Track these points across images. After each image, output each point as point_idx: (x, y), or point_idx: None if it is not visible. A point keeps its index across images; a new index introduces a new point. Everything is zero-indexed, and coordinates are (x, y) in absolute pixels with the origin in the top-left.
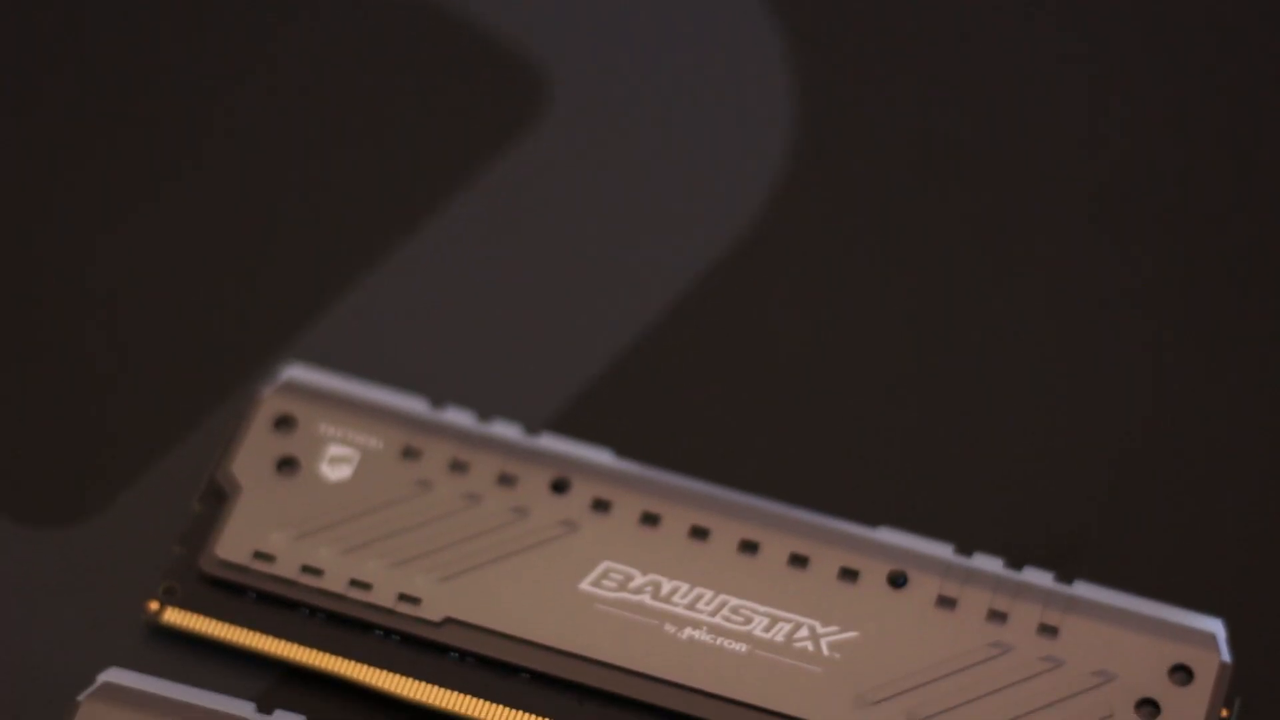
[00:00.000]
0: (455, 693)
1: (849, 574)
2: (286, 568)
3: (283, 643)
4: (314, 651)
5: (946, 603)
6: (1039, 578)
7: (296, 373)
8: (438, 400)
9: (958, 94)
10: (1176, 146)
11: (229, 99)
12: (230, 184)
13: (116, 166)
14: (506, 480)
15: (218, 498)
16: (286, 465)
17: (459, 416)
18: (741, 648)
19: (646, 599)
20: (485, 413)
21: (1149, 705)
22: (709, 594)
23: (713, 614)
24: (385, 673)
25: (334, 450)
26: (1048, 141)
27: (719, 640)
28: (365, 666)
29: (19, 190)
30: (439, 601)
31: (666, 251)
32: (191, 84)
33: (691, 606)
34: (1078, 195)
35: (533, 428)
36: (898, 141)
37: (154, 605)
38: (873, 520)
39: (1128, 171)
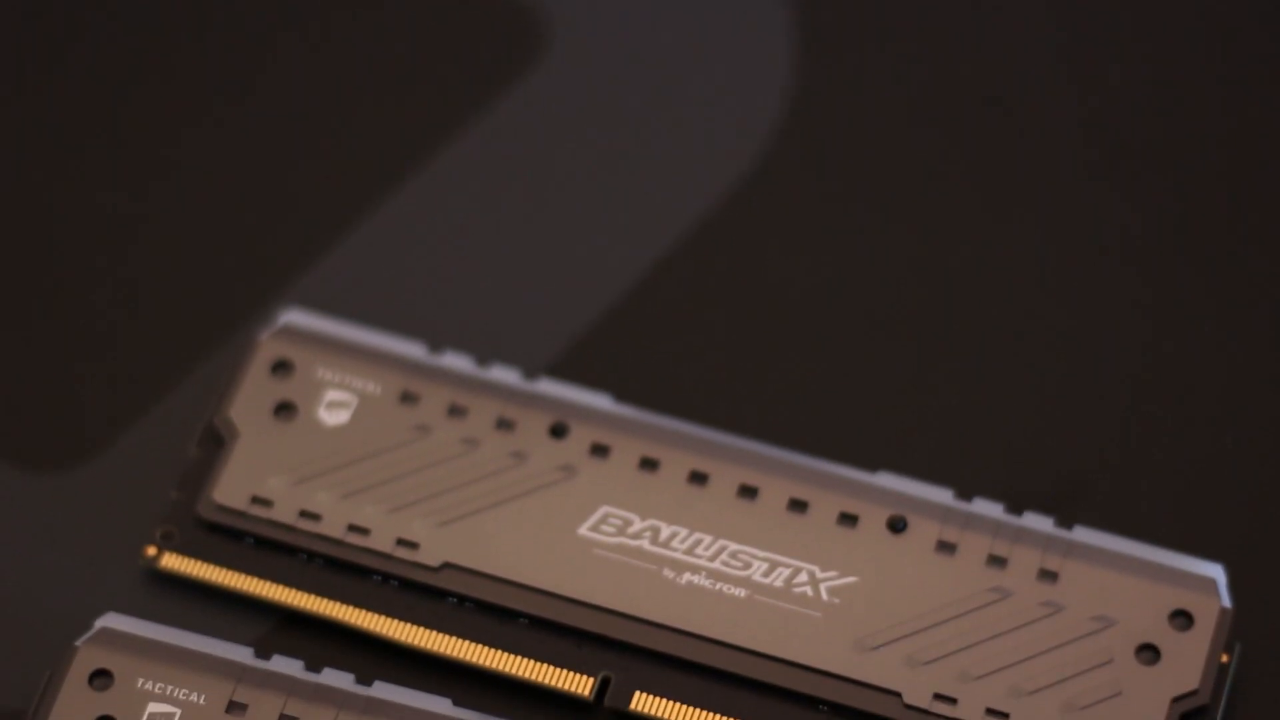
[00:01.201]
0: (453, 637)
1: (848, 519)
2: (284, 513)
3: (280, 588)
4: (312, 596)
5: (946, 548)
6: (1039, 523)
7: (294, 317)
8: (436, 345)
9: (957, 42)
10: (1178, 92)
11: (226, 47)
12: (227, 131)
13: (113, 117)
14: (505, 425)
15: (215, 443)
16: (284, 410)
17: (457, 361)
18: (740, 593)
19: (645, 544)
20: (483, 357)
21: (1149, 650)
22: (708, 539)
23: (712, 559)
24: (383, 618)
25: (332, 395)
26: (1050, 87)
27: (718, 585)
28: (363, 611)
29: (17, 142)
30: (437, 546)
31: (665, 195)
32: (191, 35)
33: (690, 551)
34: (1078, 141)
35: (531, 372)
36: (897, 87)
37: (151, 550)
38: (872, 465)
39: (1129, 118)
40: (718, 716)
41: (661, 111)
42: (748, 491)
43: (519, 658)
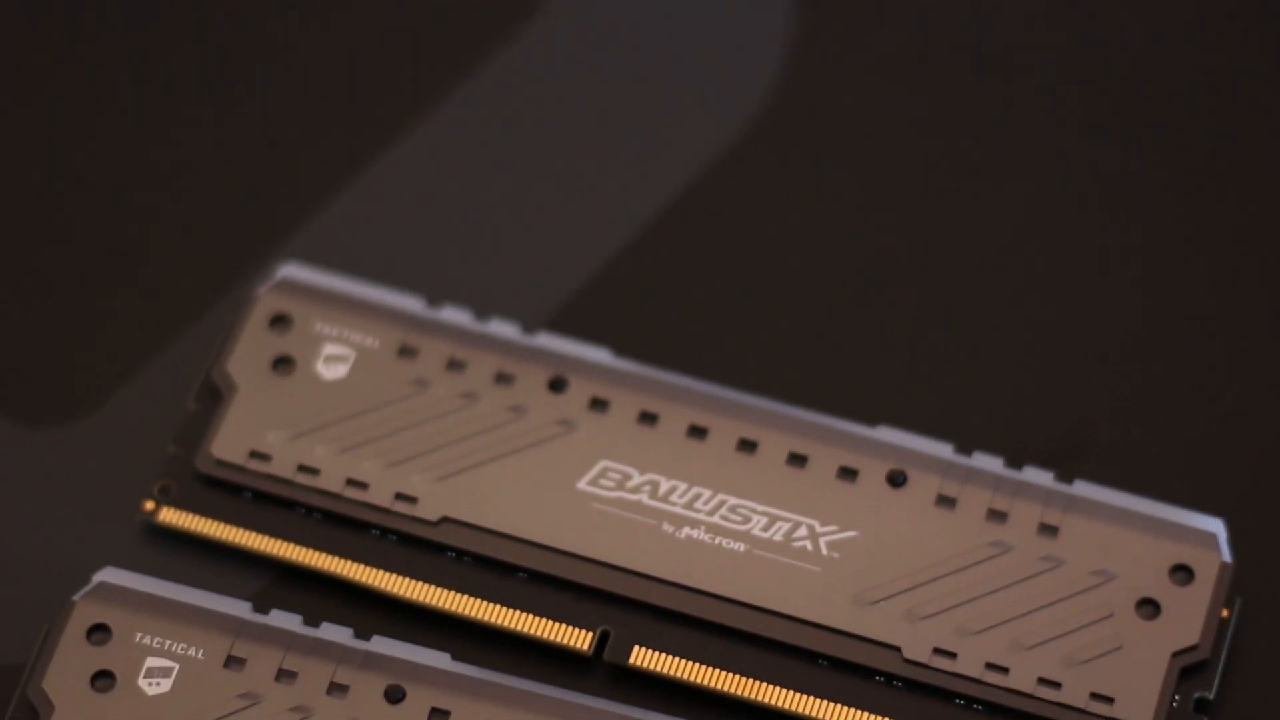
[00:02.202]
0: (452, 592)
1: (848, 473)
2: (282, 467)
3: (279, 542)
4: (310, 551)
5: (946, 502)
6: (1039, 477)
7: (292, 271)
8: (434, 299)
9: (951, 1)
10: (1171, 44)
11: (224, 6)
12: (225, 84)
13: (110, 76)
14: (503, 379)
15: (213, 397)
16: (282, 364)
17: (456, 315)
18: (740, 547)
19: (644, 498)
20: (482, 311)
21: (1149, 605)
22: (707, 493)
23: (711, 513)
24: (382, 572)
25: (330, 349)
26: (1043, 43)
27: (717, 539)
28: (361, 566)
29: (14, 103)
30: (436, 501)
31: (665, 149)
32: None
33: (689, 505)
34: (1075, 96)
35: (530, 326)
36: (893, 43)
37: (149, 505)
38: (872, 419)
39: (1124, 71)
40: (716, 671)
41: (661, 66)
42: (747, 445)
43: (518, 612)
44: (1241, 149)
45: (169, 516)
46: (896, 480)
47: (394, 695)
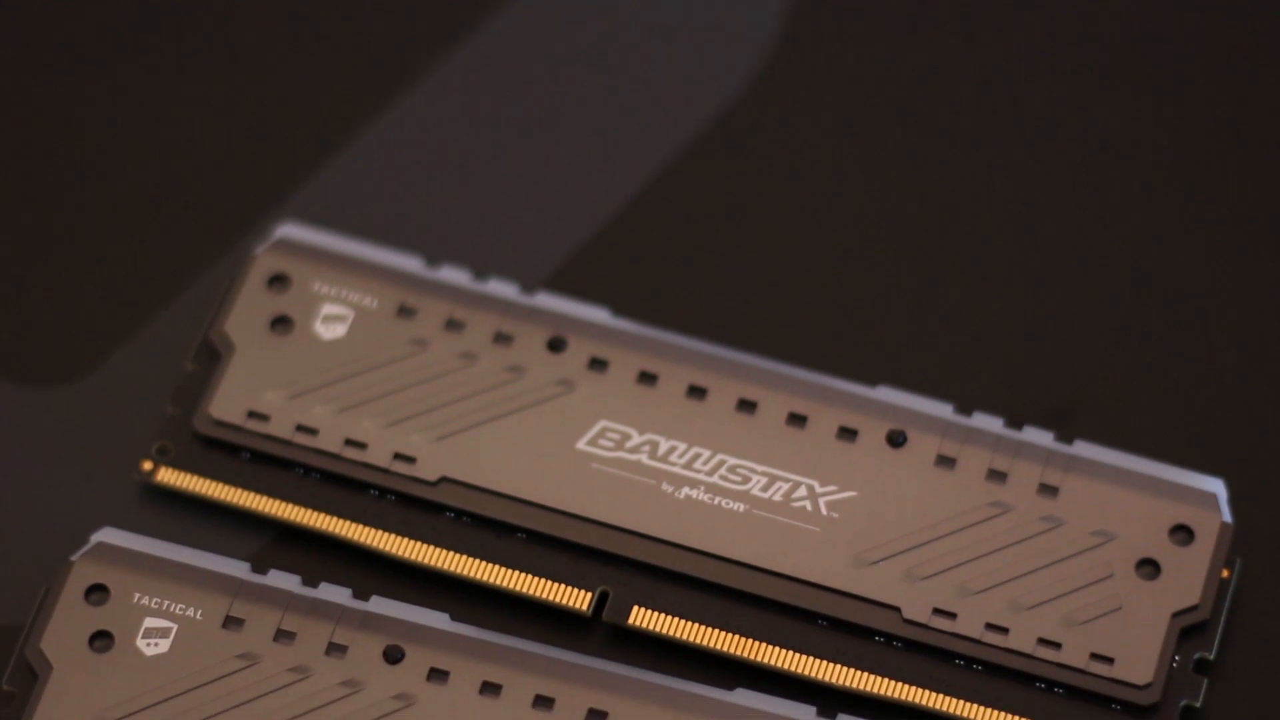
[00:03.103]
0: (451, 552)
1: (847, 433)
2: (281, 427)
3: (277, 502)
4: (309, 511)
5: (945, 462)
6: (1039, 437)
7: (290, 231)
8: (433, 258)
9: None
10: (1165, 3)
11: None
12: (224, 44)
13: (108, 36)
14: (502, 339)
15: (211, 357)
16: (280, 324)
17: (454, 274)
18: (739, 507)
19: (643, 458)
20: (481, 271)
21: (1149, 565)
22: (706, 453)
23: (710, 473)
24: (380, 532)
25: (328, 309)
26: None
27: (716, 500)
28: (360, 526)
29: (14, 62)
30: (434, 461)
31: (664, 109)
32: None
33: (689, 466)
34: (1071, 53)
35: (529, 286)
36: (894, 2)
37: (147, 465)
38: (872, 379)
39: (1124, 27)
40: (716, 631)
41: (660, 25)
42: (746, 405)
43: (516, 572)
44: (1240, 109)
45: (167, 477)
46: (896, 440)
47: (393, 655)
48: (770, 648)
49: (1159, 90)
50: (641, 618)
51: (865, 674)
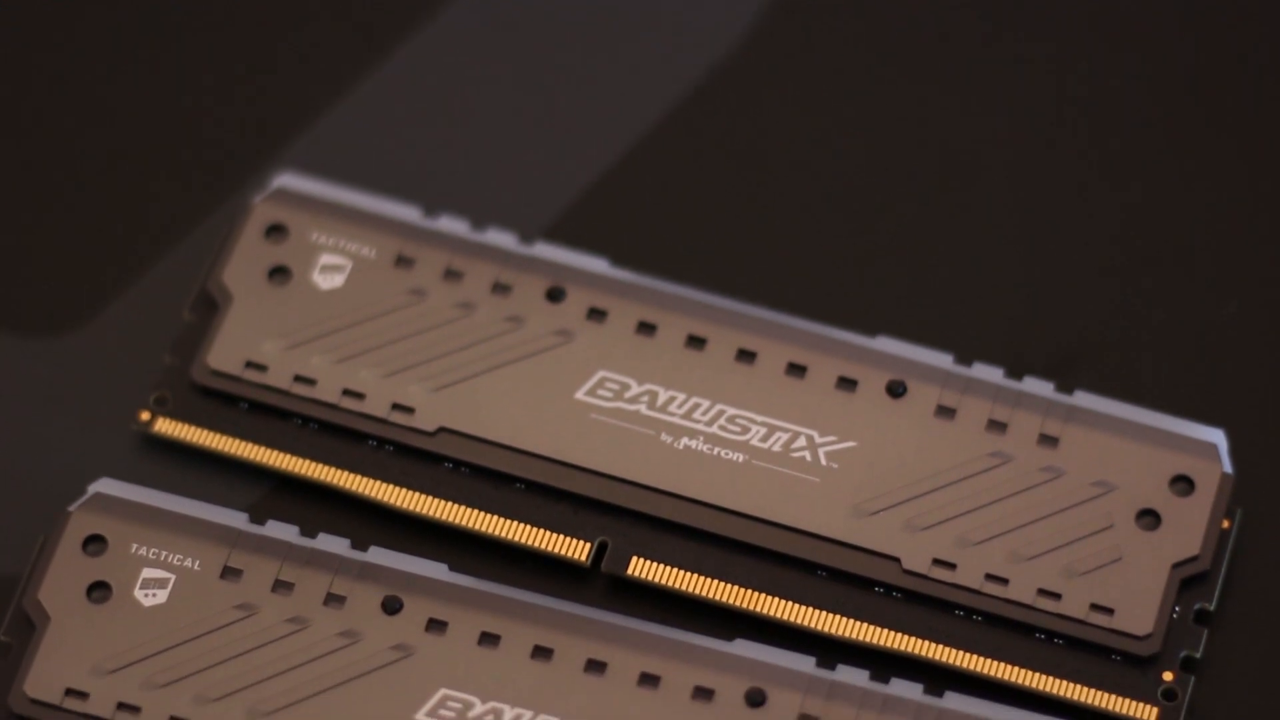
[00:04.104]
0: (449, 503)
1: (847, 383)
2: (279, 377)
3: (275, 453)
4: (307, 462)
5: (945, 412)
6: (1039, 387)
7: (288, 180)
8: (431, 208)
9: None
10: None
11: None
12: None
13: None
14: (501, 289)
15: (209, 307)
16: (278, 274)
17: (453, 224)
18: (738, 457)
19: (642, 408)
20: (479, 220)
21: (1149, 516)
22: (706, 403)
23: (709, 423)
24: (379, 483)
25: (326, 259)
26: None
27: (716, 450)
28: (358, 476)
29: (13, 14)
30: (433, 411)
31: (663, 58)
32: None
33: (688, 416)
34: (1076, 7)
35: (527, 236)
36: None
37: (145, 415)
38: (871, 329)
39: None
40: (715, 582)
41: None
42: (746, 355)
43: (515, 523)
44: (1243, 61)
45: (165, 427)
46: (896, 390)
47: (391, 606)
48: (769, 598)
49: (1163, 41)
50: (640, 568)
51: (864, 625)
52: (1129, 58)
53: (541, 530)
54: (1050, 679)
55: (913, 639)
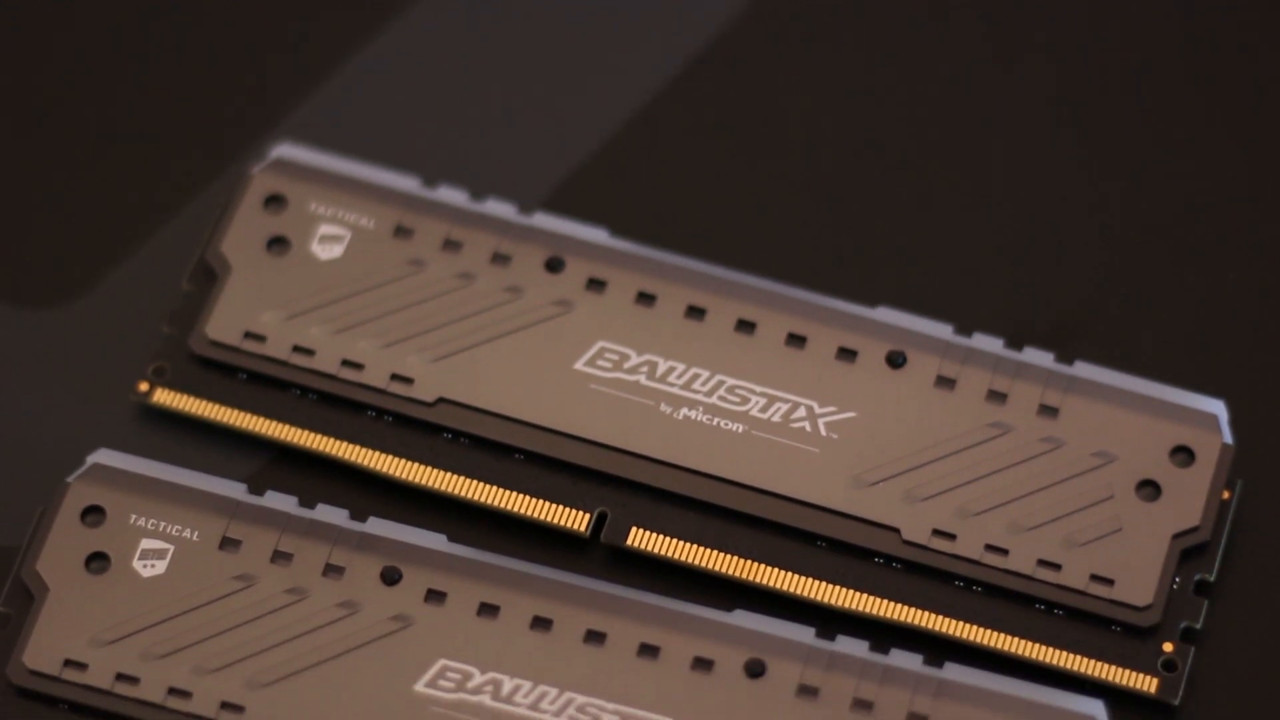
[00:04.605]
0: (448, 473)
1: (847, 354)
2: (277, 348)
3: (274, 423)
4: (306, 432)
5: (945, 383)
6: (1039, 358)
7: (287, 151)
8: (430, 178)
9: None
10: None
11: None
12: None
13: None
14: (500, 259)
15: (208, 277)
16: (277, 244)
17: (452, 195)
18: (738, 428)
19: (642, 379)
20: (478, 191)
21: (1150, 486)
22: (705, 374)
23: (709, 394)
24: (378, 453)
25: (325, 229)
26: None
27: (715, 420)
28: (357, 447)
29: None
30: (432, 381)
31: (663, 27)
32: None
33: (687, 386)
34: None
35: (527, 206)
36: None
37: (144, 386)
38: (871, 299)
39: None
40: (714, 552)
41: None
42: (745, 326)
43: (514, 493)
44: (1244, 28)
45: (163, 398)
46: (896, 361)
47: (390, 577)
48: (769, 569)
49: (1161, 10)
50: (640, 539)
51: (864, 595)
52: (1130, 26)
53: (541, 501)
54: (1050, 650)
55: (912, 610)
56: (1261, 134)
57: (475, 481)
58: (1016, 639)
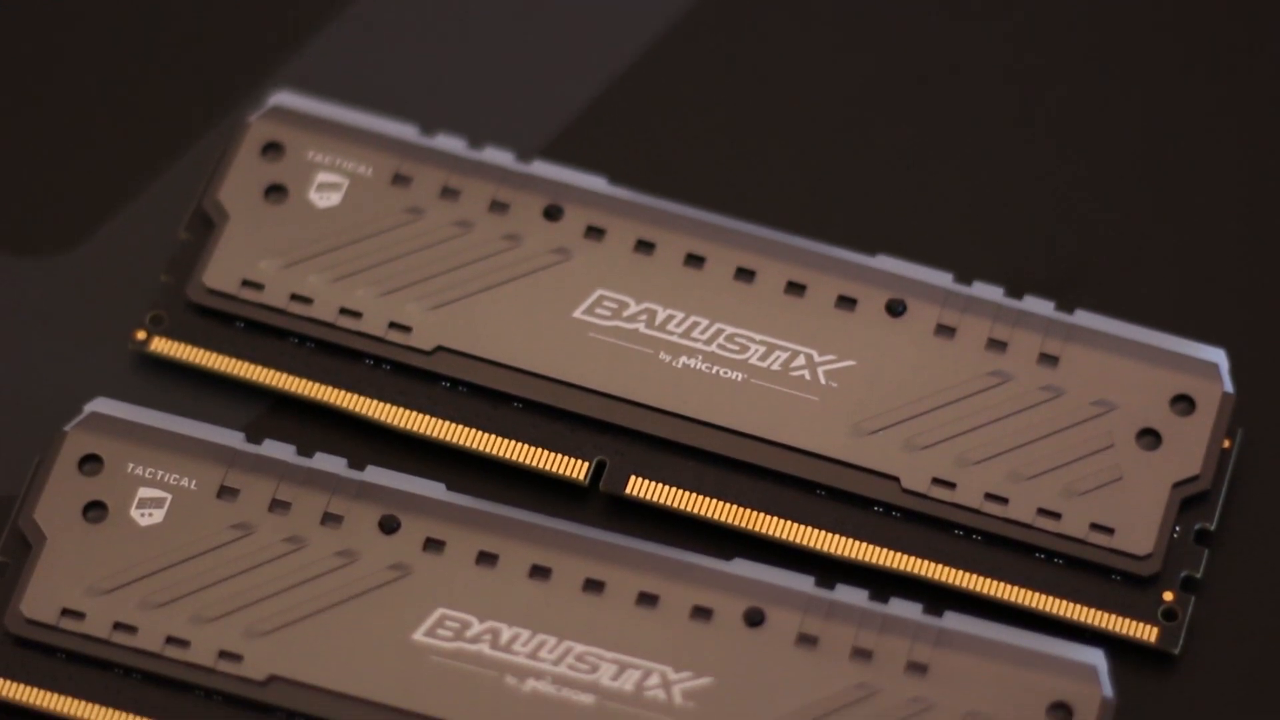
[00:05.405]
0: (447, 422)
1: (846, 302)
2: (275, 296)
3: (272, 372)
4: (303, 381)
5: (945, 331)
6: (1039, 306)
7: (284, 98)
8: (428, 126)
9: None
10: None
11: None
12: None
13: None
14: (498, 207)
15: (205, 225)
16: (275, 192)
17: (450, 142)
18: (737, 376)
19: (641, 327)
20: (477, 139)
21: (1150, 435)
22: (704, 322)
23: (708, 342)
24: (376, 402)
25: (323, 177)
26: None
27: (714, 369)
28: (355, 395)
29: None
30: (430, 329)
31: None
32: None
33: (687, 335)
34: None
35: (525, 154)
36: None
37: (141, 334)
38: (871, 247)
39: None
40: (713, 501)
41: None
42: (745, 274)
43: (513, 442)
44: None
45: (161, 346)
46: (895, 309)
47: (389, 525)
48: (768, 517)
49: None
50: (639, 487)
51: (864, 544)
52: None
53: (539, 449)
54: (1050, 599)
55: (912, 558)
56: (1261, 81)
57: (474, 430)
58: (1016, 588)
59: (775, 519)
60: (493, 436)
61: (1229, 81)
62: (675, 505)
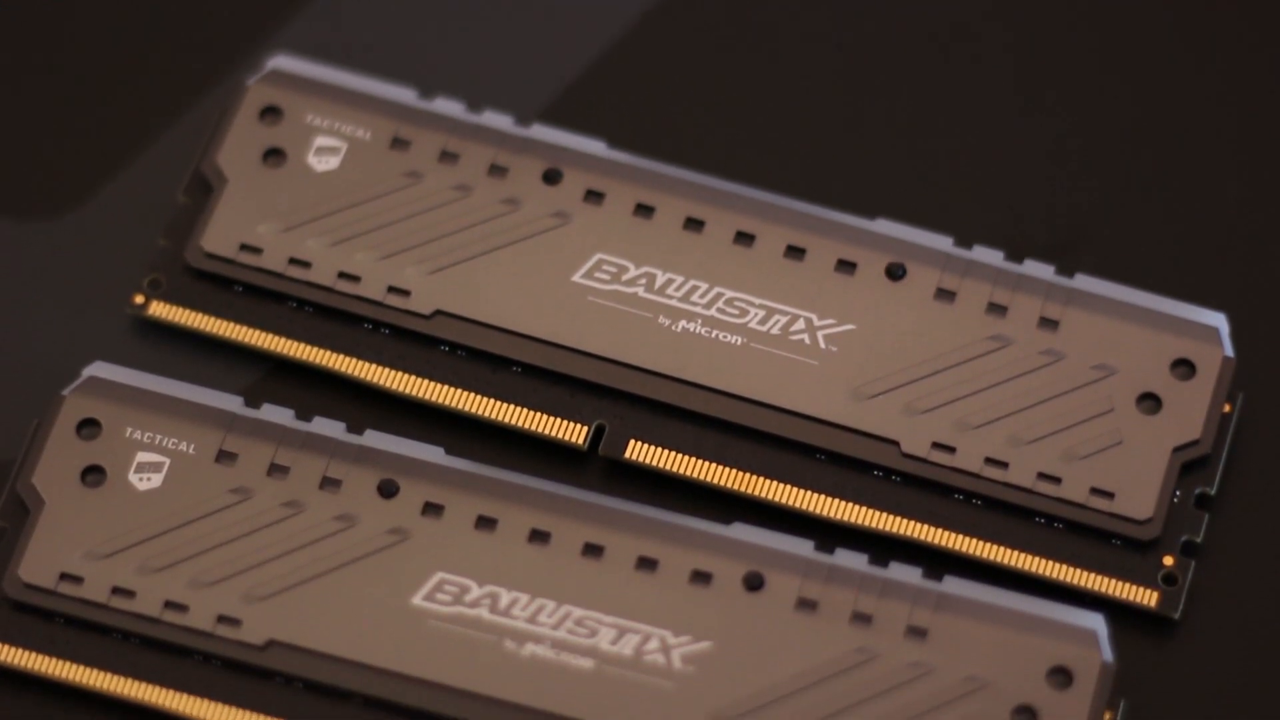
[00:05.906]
0: (446, 386)
1: (846, 265)
2: (274, 260)
3: (270, 336)
4: (302, 345)
5: (945, 295)
6: (1040, 270)
7: (283, 62)
8: (427, 90)
9: None
10: None
11: None
12: None
13: None
14: (497, 171)
15: (203, 189)
16: (273, 156)
17: (449, 106)
18: (736, 340)
19: (640, 291)
20: (475, 102)
21: (1150, 399)
22: (704, 285)
23: (708, 306)
24: (375, 366)
25: (321, 141)
26: None
27: (714, 333)
28: (354, 360)
29: None
30: (429, 293)
31: None
32: None
33: (686, 298)
34: None
35: (524, 118)
36: None
37: (139, 298)
38: (871, 211)
39: None
40: (713, 465)
41: None
42: (744, 238)
43: (512, 406)
44: None
45: (159, 310)
46: (895, 273)
47: (387, 489)
48: (768, 482)
49: None
50: (638, 451)
51: (863, 508)
52: None
53: (538, 413)
54: (1050, 563)
55: (912, 522)
56: (1263, 45)
57: (472, 394)
58: (1016, 552)
59: (775, 483)
60: (492, 400)
61: (1229, 45)
62: (674, 469)
